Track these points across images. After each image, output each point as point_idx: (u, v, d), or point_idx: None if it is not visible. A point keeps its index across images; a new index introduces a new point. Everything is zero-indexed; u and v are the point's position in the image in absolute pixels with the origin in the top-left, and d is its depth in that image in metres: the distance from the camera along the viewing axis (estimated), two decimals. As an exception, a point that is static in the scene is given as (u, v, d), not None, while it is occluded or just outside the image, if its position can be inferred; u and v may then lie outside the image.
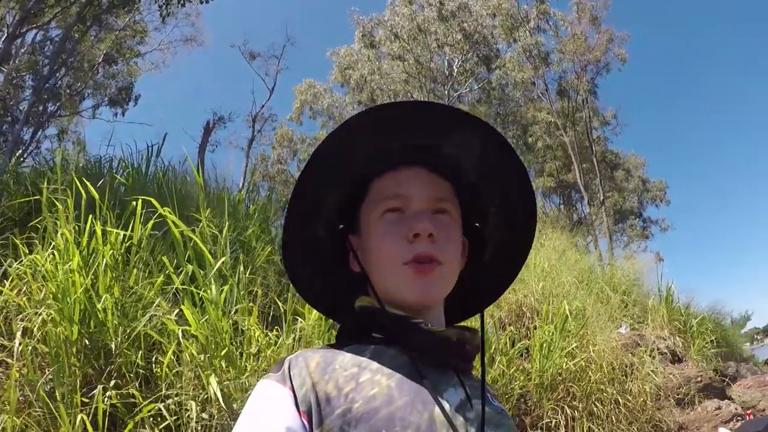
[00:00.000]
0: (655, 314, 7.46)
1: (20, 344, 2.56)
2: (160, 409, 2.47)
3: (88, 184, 3.25)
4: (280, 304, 3.52)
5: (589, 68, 23.87)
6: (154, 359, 2.72)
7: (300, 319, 3.36)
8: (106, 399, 2.40)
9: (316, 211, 0.86)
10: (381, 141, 0.82)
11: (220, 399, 2.45)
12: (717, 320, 9.05)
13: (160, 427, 2.43)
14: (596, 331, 5.40)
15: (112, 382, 2.52)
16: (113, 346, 2.64)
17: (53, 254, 2.85)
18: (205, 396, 2.56)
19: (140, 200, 3.16)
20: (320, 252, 0.90)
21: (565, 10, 25.07)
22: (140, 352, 2.67)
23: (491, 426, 0.75)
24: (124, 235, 3.09)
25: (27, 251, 3.03)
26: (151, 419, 2.49)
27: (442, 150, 0.84)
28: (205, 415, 2.50)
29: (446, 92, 25.27)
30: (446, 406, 0.72)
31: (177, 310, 2.89)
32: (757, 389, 6.84)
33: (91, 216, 3.01)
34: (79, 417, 2.27)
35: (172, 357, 2.68)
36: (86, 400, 2.40)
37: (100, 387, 2.40)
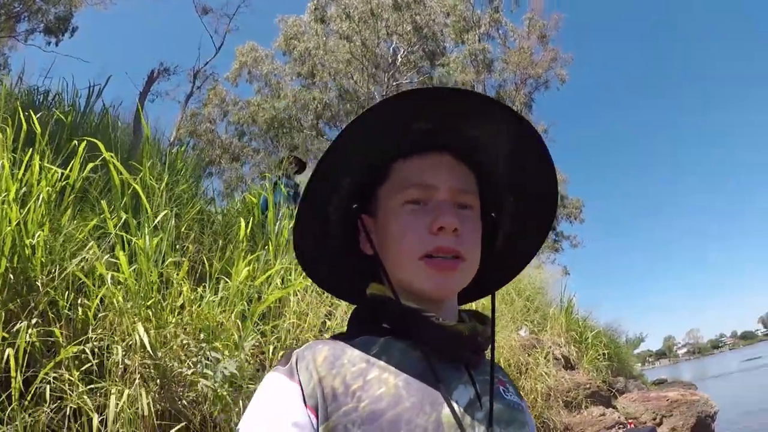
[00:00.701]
0: (555, 322, 7.84)
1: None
2: (81, 352, 2.48)
3: (33, 116, 3.16)
4: (206, 261, 3.58)
5: (529, 82, 24.65)
6: (79, 302, 2.71)
7: (227, 279, 3.43)
8: (27, 337, 2.37)
9: (331, 192, 0.82)
10: (411, 122, 0.78)
11: (148, 345, 2.49)
12: (612, 336, 9.59)
13: (81, 369, 2.45)
14: (498, 330, 5.72)
15: (34, 320, 2.49)
16: (39, 284, 2.61)
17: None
18: (130, 342, 2.59)
19: (85, 141, 3.11)
20: (330, 233, 0.86)
21: (517, 22, 25.79)
22: (67, 293, 2.66)
23: (501, 423, 0.75)
24: (62, 174, 3.04)
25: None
26: (69, 362, 2.50)
27: (473, 138, 0.80)
28: (128, 361, 2.53)
29: (386, 80, 25.33)
30: (455, 406, 0.71)
31: (107, 256, 2.89)
32: (641, 403, 7.37)
33: (30, 150, 2.94)
34: (7, 351, 2.24)
35: (98, 302, 2.69)
36: (6, 335, 2.38)
37: (24, 323, 2.37)
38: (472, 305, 1.03)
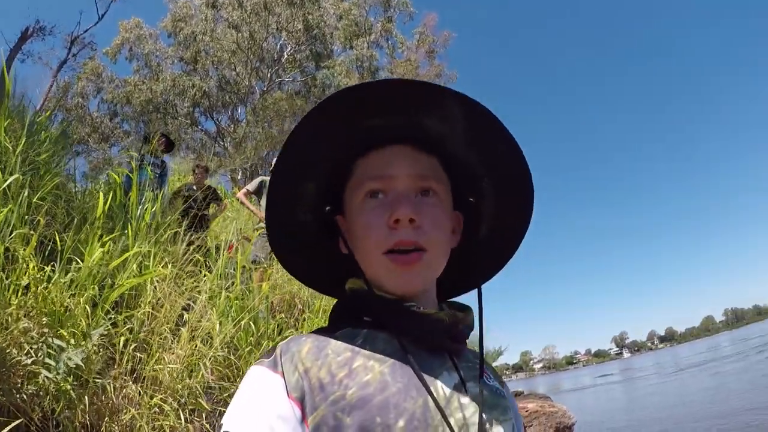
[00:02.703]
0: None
1: None
2: None
3: None
4: (58, 238, 3.24)
5: (411, 94, 25.29)
6: None
7: (79, 261, 3.12)
8: None
9: (297, 197, 0.82)
10: (361, 121, 0.76)
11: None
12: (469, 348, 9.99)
13: None
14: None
15: None
16: None
17: None
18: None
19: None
20: (306, 235, 0.86)
21: (408, 35, 26.43)
22: None
23: (486, 408, 0.74)
24: None
25: None
26: None
27: (426, 125, 0.77)
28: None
29: (269, 75, 24.96)
30: (440, 391, 0.70)
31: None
32: (494, 415, 7.66)
33: None
34: None
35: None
36: None
37: None
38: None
